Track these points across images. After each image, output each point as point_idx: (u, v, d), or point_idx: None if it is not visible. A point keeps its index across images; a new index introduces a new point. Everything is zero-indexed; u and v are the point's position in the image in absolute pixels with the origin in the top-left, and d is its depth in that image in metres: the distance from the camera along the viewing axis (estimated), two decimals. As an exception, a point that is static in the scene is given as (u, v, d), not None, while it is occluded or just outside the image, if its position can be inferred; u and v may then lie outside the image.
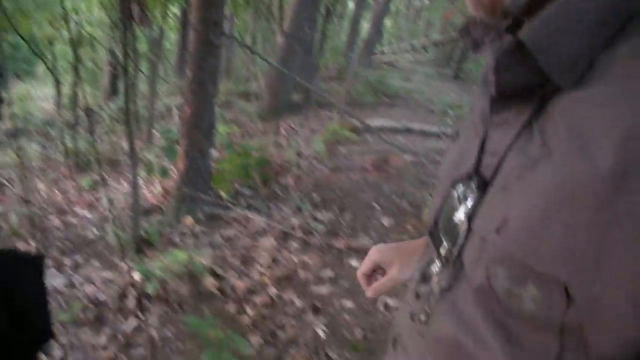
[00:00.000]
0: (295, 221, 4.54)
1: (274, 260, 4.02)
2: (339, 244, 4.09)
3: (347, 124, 7.05)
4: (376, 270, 1.14)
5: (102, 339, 3.45)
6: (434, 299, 0.72)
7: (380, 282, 1.11)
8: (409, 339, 0.80)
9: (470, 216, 0.67)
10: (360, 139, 6.82)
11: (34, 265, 1.01)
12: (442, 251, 0.71)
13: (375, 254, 1.13)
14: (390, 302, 3.45)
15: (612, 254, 0.49)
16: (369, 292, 1.12)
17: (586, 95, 0.54)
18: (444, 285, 0.71)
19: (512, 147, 0.62)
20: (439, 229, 0.74)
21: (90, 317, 3.67)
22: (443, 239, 0.72)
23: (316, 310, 3.40)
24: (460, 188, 0.70)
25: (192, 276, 3.90)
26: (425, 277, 0.77)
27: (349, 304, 3.47)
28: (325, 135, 6.52)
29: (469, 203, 0.67)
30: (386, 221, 4.53)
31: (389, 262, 1.11)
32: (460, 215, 0.68)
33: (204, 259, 4.01)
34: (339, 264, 3.93)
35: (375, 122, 7.07)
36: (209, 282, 3.83)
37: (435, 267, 0.74)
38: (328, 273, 3.78)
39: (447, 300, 0.70)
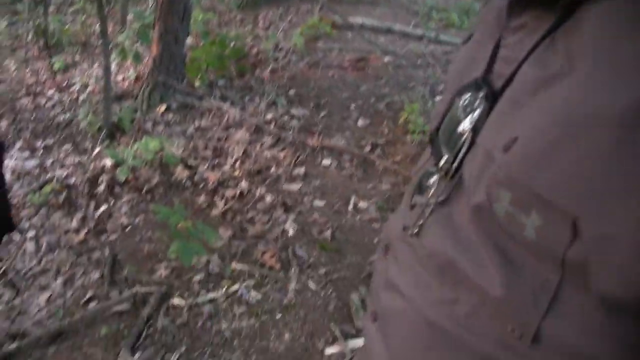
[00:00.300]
0: (269, 116, 4.50)
1: (246, 154, 4.01)
2: (313, 141, 4.08)
3: (327, 19, 6.86)
4: None
5: (73, 223, 3.47)
6: (429, 212, 0.69)
7: None
8: (400, 249, 0.76)
9: (475, 128, 0.62)
10: (340, 36, 6.66)
11: None
12: (442, 163, 0.66)
13: None
14: (361, 204, 3.50)
15: (630, 189, 0.45)
16: None
17: (627, 5, 0.49)
18: (441, 198, 0.67)
19: (528, 56, 0.57)
20: (440, 139, 0.70)
21: (60, 201, 3.67)
22: (443, 150, 0.67)
23: (286, 207, 3.43)
24: (467, 97, 0.65)
25: (163, 165, 3.89)
26: (421, 188, 0.73)
27: (319, 203, 3.52)
28: (305, 30, 6.34)
29: (476, 114, 0.62)
30: (361, 122, 4.51)
31: None
32: (464, 126, 0.64)
33: (175, 148, 3.99)
34: (312, 162, 3.94)
35: (357, 19, 6.88)
36: (180, 172, 3.83)
37: (433, 178, 0.70)
38: (300, 170, 3.80)
39: (443, 213, 0.67)
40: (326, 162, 3.94)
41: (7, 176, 4.07)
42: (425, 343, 0.68)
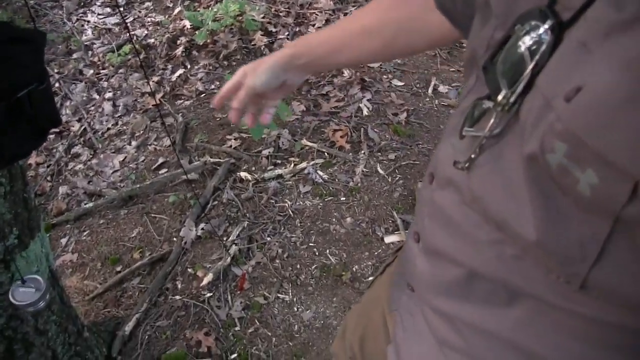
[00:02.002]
0: (356, -19, 4.23)
1: (329, 24, 3.82)
2: (399, 13, 3.82)
3: None
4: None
5: (150, 86, 3.47)
6: (481, 146, 0.63)
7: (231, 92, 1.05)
8: (448, 183, 0.71)
9: (537, 65, 0.53)
10: None
11: (34, 45, 0.90)
12: (499, 97, 0.58)
13: (239, 71, 1.05)
14: (441, 87, 3.30)
15: None
16: (215, 101, 1.06)
17: None
18: (496, 131, 0.60)
19: None
20: (497, 69, 0.60)
21: (139, 62, 3.65)
22: (501, 83, 0.59)
23: (363, 85, 3.28)
24: (529, 26, 0.56)
25: (242, 30, 3.78)
26: (472, 119, 0.66)
27: (398, 82, 3.34)
28: None
29: (539, 48, 0.53)
30: None
31: (248, 74, 1.04)
32: (526, 60, 0.55)
33: (256, 13, 3.84)
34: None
35: None
36: (259, 39, 3.71)
37: (486, 109, 0.63)
38: (382, 45, 3.59)
39: (494, 150, 0.61)
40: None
41: (89, 32, 4.08)
42: (471, 286, 0.69)
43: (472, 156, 0.63)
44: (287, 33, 3.79)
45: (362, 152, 2.86)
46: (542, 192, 0.54)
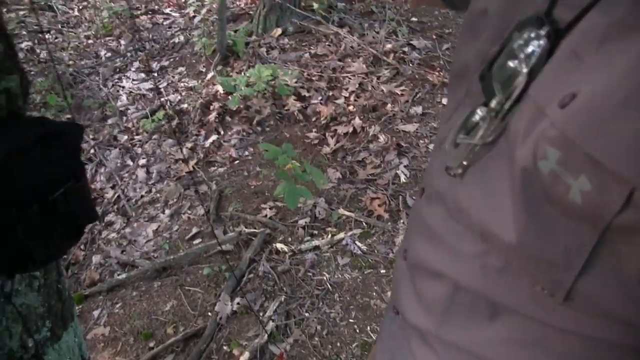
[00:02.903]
0: (388, 46, 4.22)
1: (362, 88, 3.80)
2: (433, 77, 3.79)
3: None
4: None
5: (183, 152, 3.45)
6: (474, 153, 0.63)
7: None
8: (437, 194, 0.72)
9: (532, 71, 0.54)
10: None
11: (69, 139, 0.85)
12: (493, 103, 0.59)
13: None
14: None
15: None
16: None
17: None
18: (489, 139, 0.61)
19: (599, 1, 0.49)
20: (493, 76, 0.61)
21: (172, 128, 3.64)
22: (496, 90, 0.60)
23: (400, 150, 3.23)
24: (526, 33, 0.57)
25: (275, 95, 3.77)
26: (467, 127, 0.66)
27: (435, 146, 3.28)
28: (433, -53, 5.88)
29: (534, 53, 0.54)
30: (488, 55, 4.14)
31: None
32: (520, 66, 0.56)
33: (289, 78, 3.84)
34: (431, 101, 3.67)
35: None
36: (292, 104, 3.69)
37: (481, 117, 0.63)
38: (417, 109, 3.55)
39: (485, 158, 0.62)
40: (446, 101, 3.65)
41: (123, 98, 4.10)
42: (454, 302, 0.68)
43: (465, 162, 0.64)
44: (320, 97, 3.77)
45: (402, 221, 2.77)
46: (527, 200, 0.53)
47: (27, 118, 0.84)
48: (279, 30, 4.62)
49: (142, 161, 3.45)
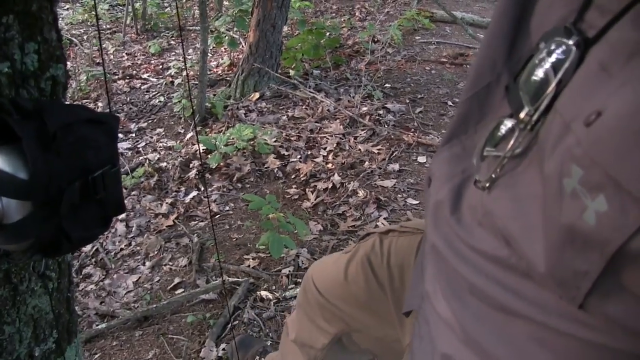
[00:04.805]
0: (364, 109, 4.36)
1: (340, 147, 3.90)
2: (408, 137, 3.92)
3: (425, 12, 6.65)
4: None
5: (163, 208, 3.45)
6: (503, 165, 0.62)
7: None
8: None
9: (561, 81, 0.53)
10: (438, 29, 6.45)
11: (108, 127, 0.88)
12: (522, 114, 0.58)
13: None
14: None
15: None
16: None
17: None
18: (518, 150, 0.60)
19: (627, 11, 0.48)
20: (521, 87, 0.60)
21: (152, 185, 3.66)
22: (524, 101, 0.59)
23: (379, 204, 3.29)
24: (553, 43, 0.56)
25: (255, 154, 3.83)
26: (493, 140, 0.66)
27: (413, 201, 3.35)
28: (402, 22, 6.17)
29: (563, 64, 0.53)
30: (459, 119, 4.29)
31: None
32: (549, 76, 0.55)
33: (268, 137, 3.92)
34: (407, 159, 3.77)
35: (456, 13, 6.65)
36: (272, 162, 3.75)
37: (508, 129, 0.63)
38: (394, 167, 3.64)
39: (515, 171, 0.61)
40: (422, 159, 3.76)
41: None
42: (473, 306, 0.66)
43: (493, 176, 0.63)
44: (299, 156, 3.84)
45: (384, 270, 2.80)
46: (555, 224, 0.52)
47: (71, 103, 0.88)
48: (257, 94, 4.73)
49: (121, 216, 3.44)
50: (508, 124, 0.63)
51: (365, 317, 1.17)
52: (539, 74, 0.57)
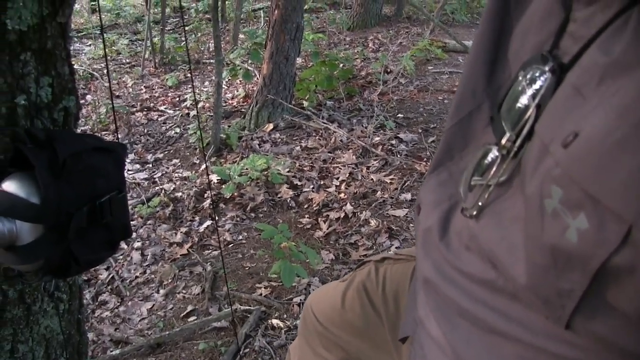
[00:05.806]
0: (377, 139, 4.41)
1: (352, 177, 3.94)
2: (421, 167, 3.95)
3: (438, 42, 6.73)
4: None
5: (178, 237, 3.50)
6: (489, 194, 0.63)
7: None
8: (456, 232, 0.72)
9: (539, 105, 0.56)
10: (451, 59, 6.52)
11: (116, 155, 0.93)
12: (504, 141, 0.61)
13: None
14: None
15: None
16: None
17: None
18: (502, 178, 0.62)
19: (597, 37, 0.50)
20: (502, 115, 0.63)
21: (167, 214, 3.72)
22: (505, 128, 0.61)
23: (391, 233, 3.31)
24: (531, 71, 0.59)
25: (268, 184, 3.88)
26: (480, 169, 0.68)
27: (425, 229, 3.37)
28: (415, 52, 6.25)
29: (540, 90, 0.56)
30: (471, 148, 4.33)
31: None
32: (528, 102, 0.58)
33: (281, 167, 3.97)
34: (419, 188, 3.80)
35: (468, 43, 6.71)
36: (285, 192, 3.80)
37: (493, 157, 0.65)
38: (406, 196, 3.67)
39: (500, 198, 0.63)
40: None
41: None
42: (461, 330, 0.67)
43: (480, 203, 0.64)
44: (312, 186, 3.89)
45: (395, 298, 2.81)
46: (533, 237, 0.54)
47: (81, 133, 0.94)
48: (270, 125, 4.81)
49: (136, 244, 3.50)
50: (494, 152, 0.65)
51: (363, 345, 1.19)
52: (522, 101, 0.59)
